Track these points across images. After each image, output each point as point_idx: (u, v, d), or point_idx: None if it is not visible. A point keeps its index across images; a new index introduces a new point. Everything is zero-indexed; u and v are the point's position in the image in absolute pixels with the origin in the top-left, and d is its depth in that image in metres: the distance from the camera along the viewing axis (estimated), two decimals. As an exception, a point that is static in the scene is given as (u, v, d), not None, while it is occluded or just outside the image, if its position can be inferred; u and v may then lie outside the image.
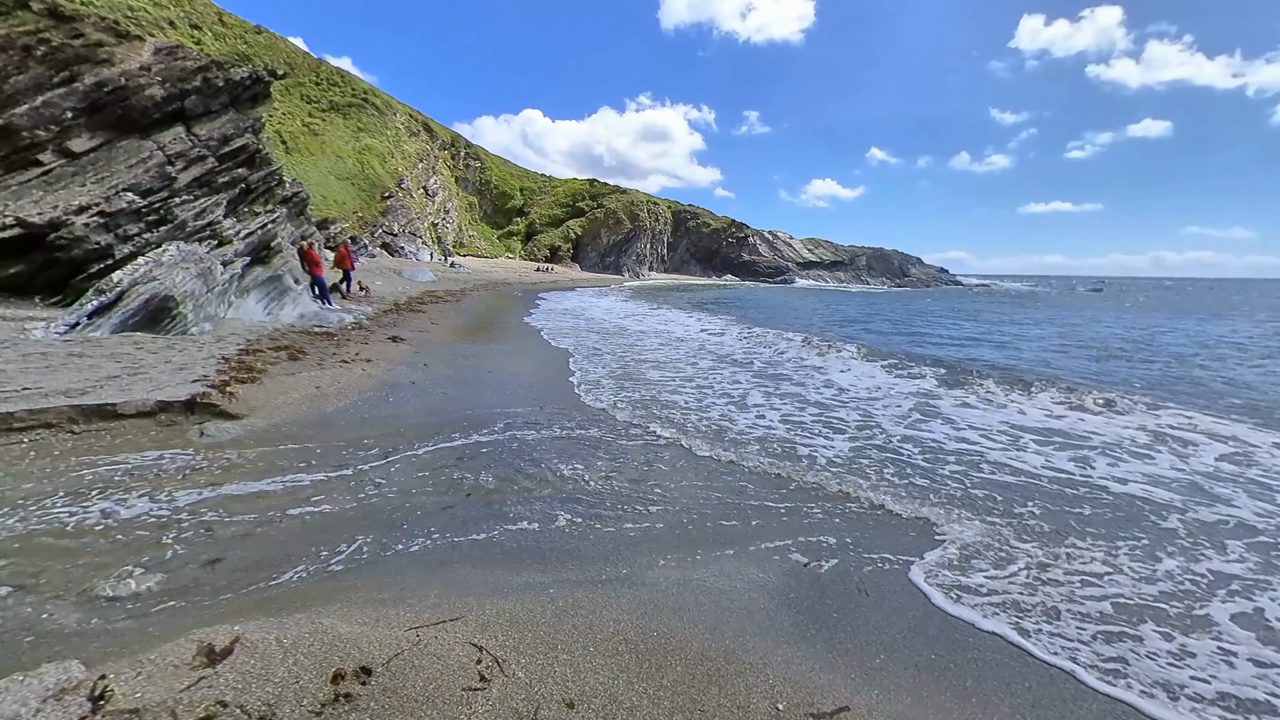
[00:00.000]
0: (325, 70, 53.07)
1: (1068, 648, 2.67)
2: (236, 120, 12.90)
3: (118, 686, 1.91)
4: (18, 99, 10.43)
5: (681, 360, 11.42)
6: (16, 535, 3.39)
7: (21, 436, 5.28)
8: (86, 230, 9.80)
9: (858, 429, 6.75)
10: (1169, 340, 18.25)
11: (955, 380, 9.96)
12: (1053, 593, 3.14)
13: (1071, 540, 3.83)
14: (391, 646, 2.16)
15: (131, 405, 5.92)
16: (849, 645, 2.67)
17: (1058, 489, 4.87)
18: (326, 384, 6.91)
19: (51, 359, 7.19)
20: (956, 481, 4.97)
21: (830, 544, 3.67)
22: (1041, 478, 5.14)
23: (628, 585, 3.04)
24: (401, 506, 4.00)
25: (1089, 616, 2.92)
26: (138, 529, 3.51)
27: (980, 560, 3.47)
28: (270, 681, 1.88)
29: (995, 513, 4.29)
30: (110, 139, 11.11)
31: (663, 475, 4.90)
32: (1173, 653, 2.65)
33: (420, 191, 53.42)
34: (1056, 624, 2.86)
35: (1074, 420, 7.29)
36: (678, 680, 2.27)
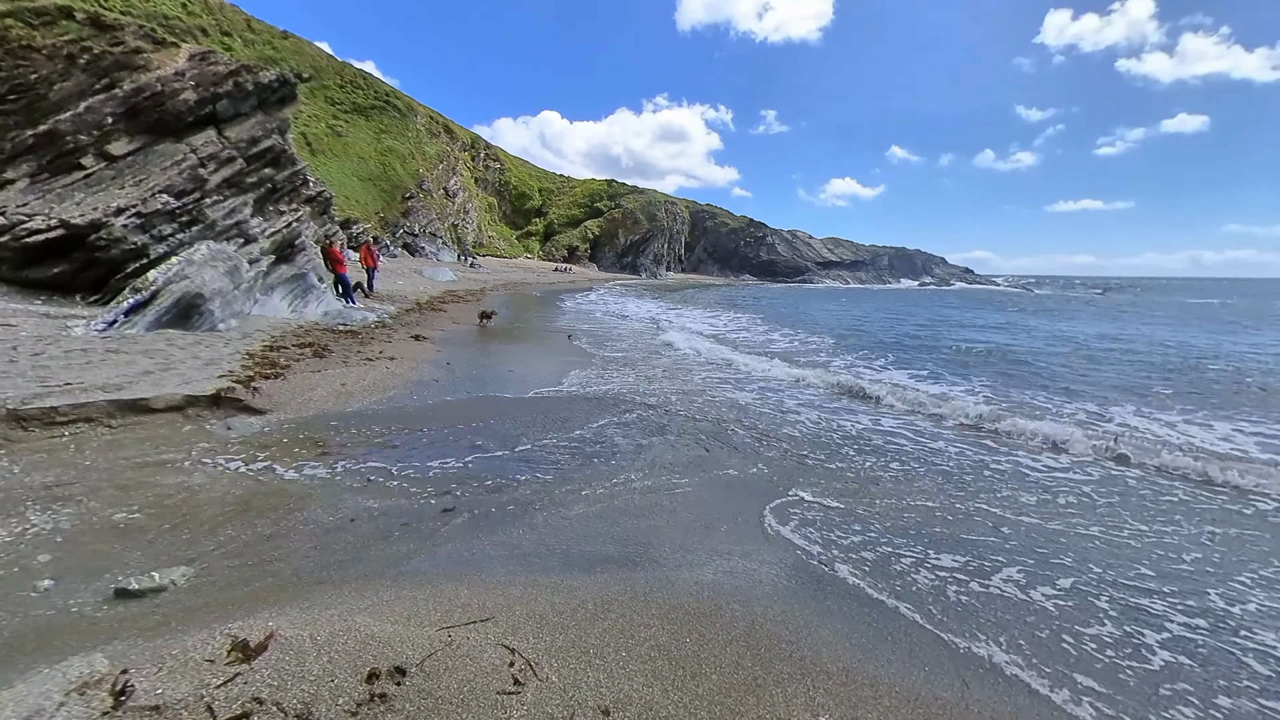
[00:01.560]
0: (349, 73, 54.08)
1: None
2: (264, 122, 13.18)
3: (139, 681, 1.90)
4: (62, 105, 10.80)
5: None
6: (60, 529, 3.46)
7: (63, 430, 5.42)
8: (124, 231, 10.08)
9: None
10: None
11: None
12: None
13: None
14: (424, 646, 2.13)
15: (162, 400, 6.05)
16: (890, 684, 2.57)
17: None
18: (351, 381, 6.98)
19: (91, 355, 7.39)
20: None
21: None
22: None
23: (658, 590, 2.98)
24: (428, 505, 4.00)
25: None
26: (170, 523, 3.55)
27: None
28: (306, 679, 1.86)
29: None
30: (147, 142, 11.42)
31: (687, 473, 4.82)
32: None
33: (441, 192, 54.10)
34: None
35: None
36: (714, 689, 2.20)
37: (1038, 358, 14.13)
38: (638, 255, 77.34)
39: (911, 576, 3.36)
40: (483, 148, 73.28)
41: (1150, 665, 2.65)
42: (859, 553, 3.62)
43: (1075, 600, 3.17)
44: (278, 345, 8.40)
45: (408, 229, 42.80)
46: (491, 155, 74.56)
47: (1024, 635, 2.84)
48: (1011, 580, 3.36)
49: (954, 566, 3.47)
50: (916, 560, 3.55)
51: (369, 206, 40.61)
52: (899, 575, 3.37)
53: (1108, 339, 18.62)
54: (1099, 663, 2.64)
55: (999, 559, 3.61)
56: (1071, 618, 3.00)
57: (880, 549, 3.68)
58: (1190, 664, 2.66)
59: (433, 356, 9.32)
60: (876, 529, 3.98)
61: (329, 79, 51.14)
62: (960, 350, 15.59)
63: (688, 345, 13.84)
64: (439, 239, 46.40)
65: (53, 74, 11.22)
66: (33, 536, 3.44)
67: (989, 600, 3.15)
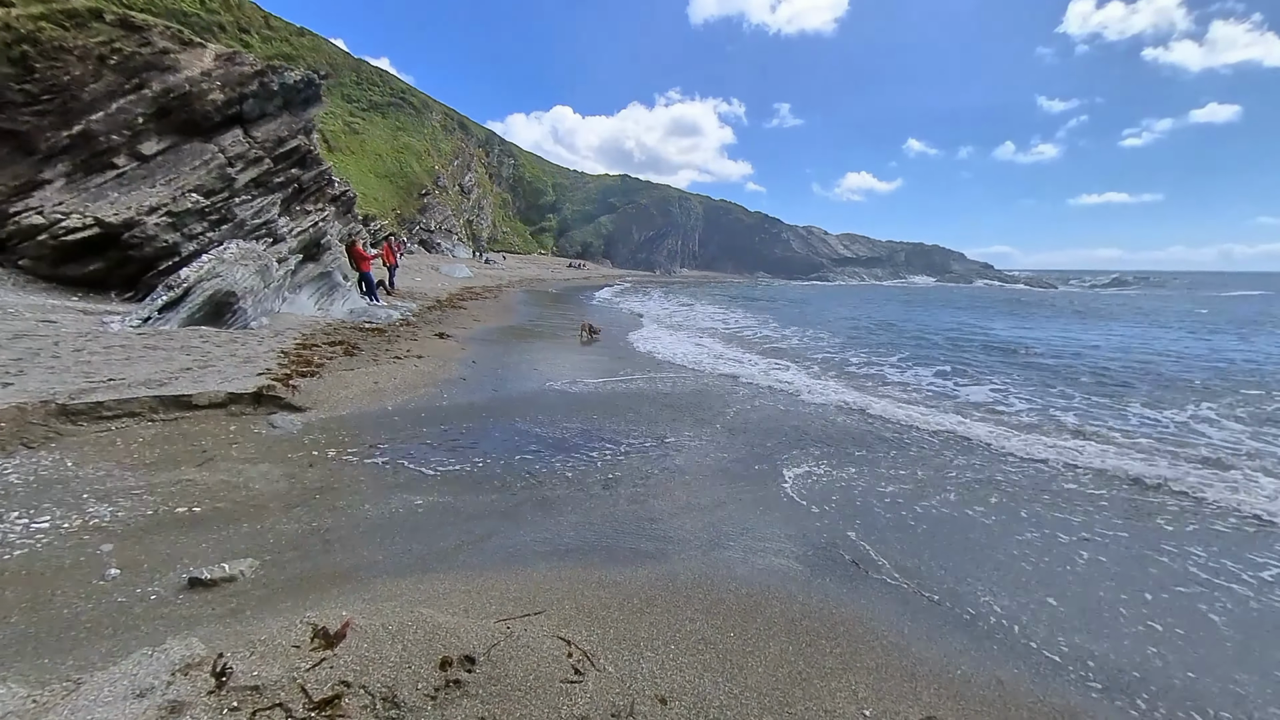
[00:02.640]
0: (365, 70, 54.52)
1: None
2: (290, 122, 13.40)
3: (236, 664, 2.04)
4: (94, 106, 11.08)
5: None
6: (119, 520, 3.64)
7: (110, 425, 5.62)
8: (157, 229, 10.36)
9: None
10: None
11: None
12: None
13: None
14: (486, 637, 2.25)
15: (205, 396, 6.25)
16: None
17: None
18: (384, 380, 7.15)
19: (130, 351, 7.62)
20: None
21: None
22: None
23: (699, 585, 3.08)
24: (468, 501, 4.13)
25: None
26: (228, 516, 3.72)
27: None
28: (385, 665, 1.98)
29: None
30: (176, 142, 11.69)
31: (720, 476, 4.91)
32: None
33: (456, 188, 54.47)
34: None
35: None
36: (761, 682, 2.30)
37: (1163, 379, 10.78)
38: (652, 252, 77.30)
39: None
40: (496, 143, 73.55)
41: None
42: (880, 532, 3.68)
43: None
44: (309, 343, 8.60)
45: (424, 226, 43.19)
46: (506, 151, 74.83)
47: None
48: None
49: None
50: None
51: (386, 203, 41.02)
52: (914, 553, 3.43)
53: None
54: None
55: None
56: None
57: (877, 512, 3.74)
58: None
59: (458, 355, 9.49)
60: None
61: (345, 76, 51.60)
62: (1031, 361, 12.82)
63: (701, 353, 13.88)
64: (454, 235, 46.78)
65: (85, 75, 11.50)
66: (94, 527, 3.61)
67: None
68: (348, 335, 9.98)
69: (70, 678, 1.92)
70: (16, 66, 10.62)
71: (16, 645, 2.36)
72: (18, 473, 4.13)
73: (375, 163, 44.46)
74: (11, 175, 10.11)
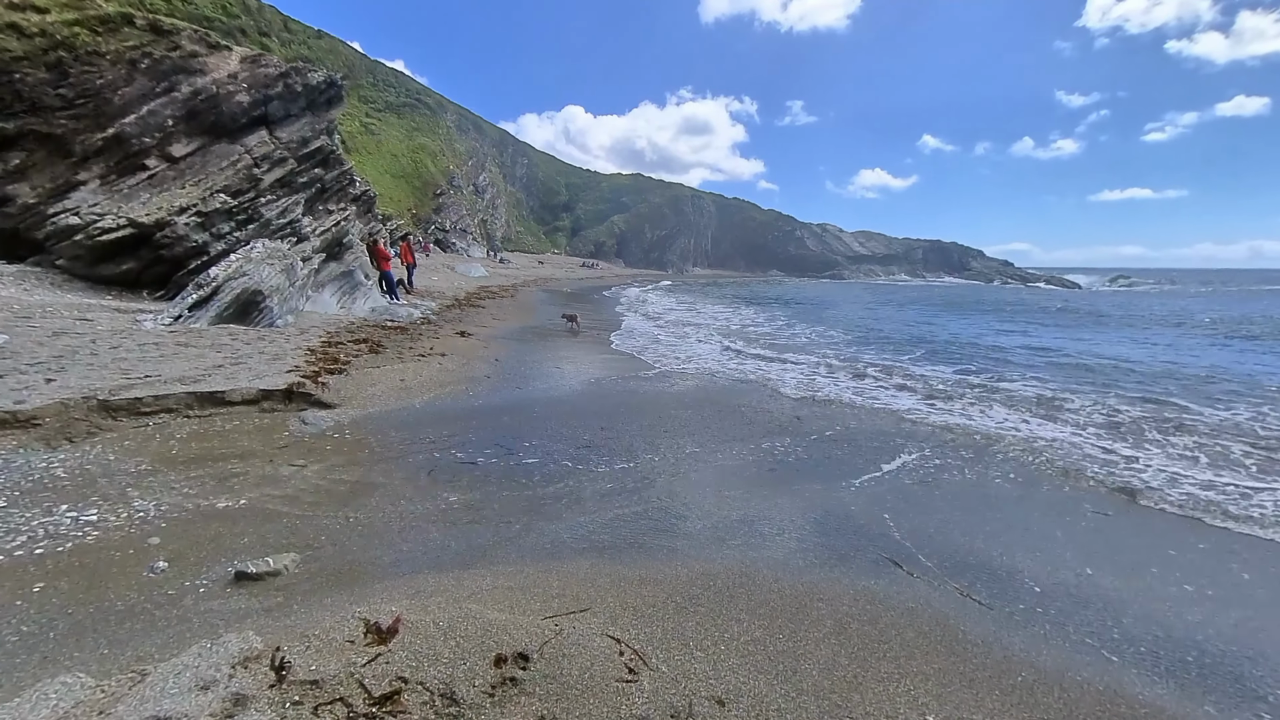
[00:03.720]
0: (381, 72, 55.15)
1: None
2: (313, 123, 13.58)
3: (293, 658, 2.04)
4: (126, 109, 11.32)
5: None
6: (163, 514, 3.69)
7: (148, 420, 5.72)
8: (187, 229, 10.56)
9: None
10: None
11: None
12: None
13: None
14: (537, 634, 2.22)
15: (238, 393, 6.34)
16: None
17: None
18: (409, 377, 7.20)
19: (164, 348, 7.77)
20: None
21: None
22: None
23: (741, 585, 3.03)
24: (501, 497, 4.12)
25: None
26: (266, 511, 3.76)
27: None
28: (439, 661, 1.97)
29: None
30: (205, 143, 11.91)
31: (754, 478, 4.85)
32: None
33: (470, 188, 54.89)
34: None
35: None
36: (817, 685, 2.24)
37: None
38: (664, 251, 77.19)
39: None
40: (510, 143, 73.98)
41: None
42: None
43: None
44: (335, 341, 8.70)
45: (439, 225, 43.58)
46: (519, 151, 75.23)
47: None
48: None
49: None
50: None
51: (402, 203, 41.47)
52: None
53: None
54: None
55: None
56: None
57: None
58: None
59: (481, 352, 9.53)
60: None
61: (362, 78, 52.24)
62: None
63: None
64: (469, 235, 47.14)
65: (117, 79, 11.75)
66: (140, 520, 3.67)
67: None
68: (371, 333, 10.08)
69: (133, 668, 1.93)
70: (52, 71, 10.89)
71: (76, 636, 2.39)
72: (63, 467, 4.22)
73: (391, 163, 44.97)
74: (49, 177, 10.37)
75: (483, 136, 65.05)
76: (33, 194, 10.16)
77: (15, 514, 3.49)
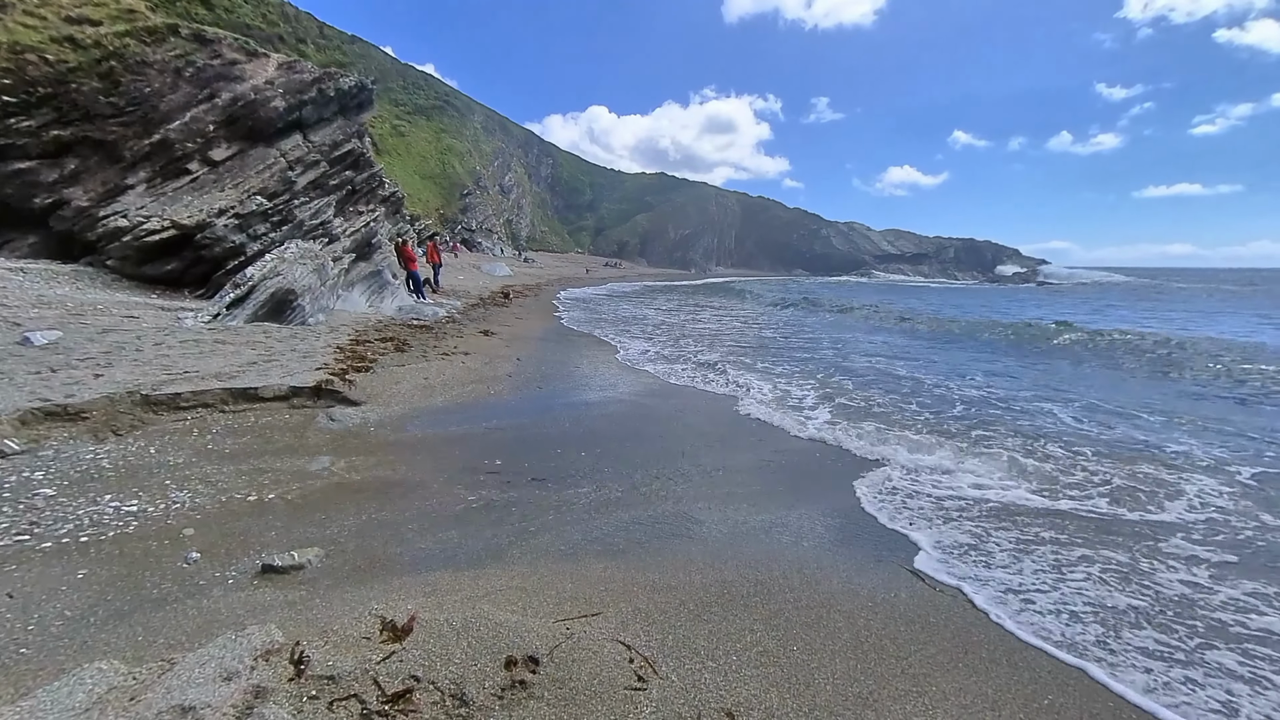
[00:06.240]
0: (412, 75, 56.37)
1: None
2: (345, 126, 13.96)
3: (312, 653, 2.10)
4: (171, 115, 11.83)
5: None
6: (198, 506, 3.85)
7: (186, 415, 5.96)
8: (225, 230, 10.98)
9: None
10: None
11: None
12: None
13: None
14: (548, 637, 2.24)
15: (269, 389, 6.55)
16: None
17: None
18: (433, 376, 7.35)
19: (202, 345, 8.09)
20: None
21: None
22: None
23: (756, 594, 3.00)
24: (517, 498, 4.17)
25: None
26: (293, 505, 3.88)
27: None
28: (452, 661, 2.00)
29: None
30: (243, 148, 12.36)
31: (773, 496, 4.80)
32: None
33: (496, 189, 55.67)
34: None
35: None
36: (830, 700, 2.20)
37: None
38: (688, 250, 76.96)
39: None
40: (535, 143, 74.76)
41: None
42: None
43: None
44: (362, 339, 8.93)
45: (465, 225, 44.33)
46: (544, 151, 75.97)
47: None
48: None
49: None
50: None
51: (429, 203, 42.33)
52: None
53: None
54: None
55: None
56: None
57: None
58: None
59: (504, 352, 9.66)
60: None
61: (393, 81, 53.49)
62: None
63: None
64: (495, 234, 47.84)
65: (163, 86, 12.29)
66: (176, 512, 3.83)
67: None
68: (398, 332, 10.32)
69: (164, 657, 2.01)
70: (105, 81, 11.45)
71: (114, 622, 2.52)
72: (109, 458, 4.43)
73: (420, 164, 45.95)
74: (100, 182, 10.92)
75: (509, 137, 65.94)
76: (85, 197, 10.72)
77: (64, 502, 3.68)
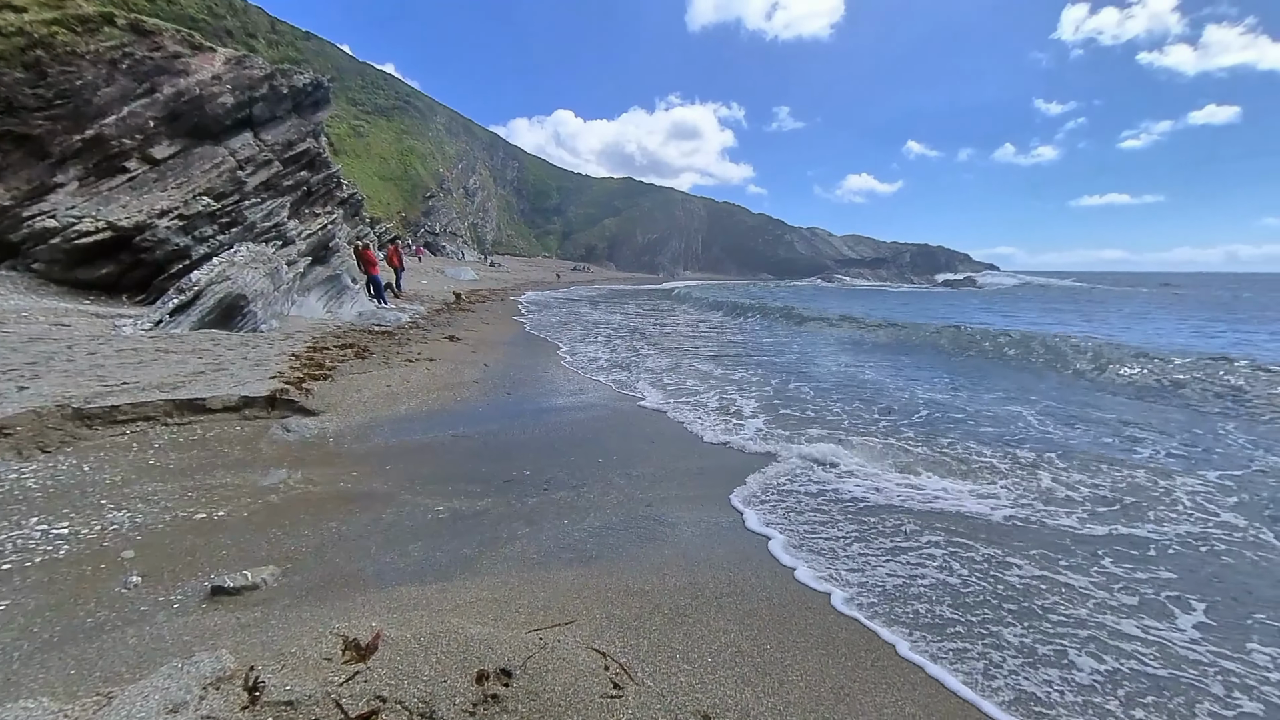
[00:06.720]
0: (370, 74, 54.81)
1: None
2: (299, 125, 13.45)
3: (268, 677, 1.99)
4: (106, 110, 11.12)
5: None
6: (138, 526, 3.60)
7: (125, 429, 5.59)
8: (168, 233, 10.38)
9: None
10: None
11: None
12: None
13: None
14: (520, 649, 2.19)
15: (218, 400, 6.21)
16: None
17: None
18: (396, 383, 7.11)
19: (142, 354, 7.61)
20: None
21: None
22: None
23: (728, 594, 3.01)
24: (488, 507, 4.07)
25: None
26: (245, 521, 3.68)
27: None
28: (420, 679, 1.92)
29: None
30: (187, 145, 11.73)
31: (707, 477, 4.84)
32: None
33: (460, 191, 54.64)
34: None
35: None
36: (804, 696, 2.23)
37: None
38: (656, 254, 77.36)
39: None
40: (501, 146, 73.83)
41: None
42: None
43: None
44: (320, 346, 8.58)
45: (429, 228, 43.32)
46: (510, 154, 75.10)
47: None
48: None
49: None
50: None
51: (391, 206, 41.19)
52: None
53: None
54: None
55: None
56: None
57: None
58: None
59: (469, 358, 9.45)
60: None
61: (351, 80, 51.88)
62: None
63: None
64: (459, 238, 46.92)
65: (97, 79, 11.54)
66: (114, 534, 3.57)
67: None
68: (358, 338, 9.96)
69: (100, 691, 1.86)
70: (30, 71, 10.67)
71: (42, 656, 2.31)
72: (35, 478, 4.10)
73: (380, 165, 44.67)
74: (25, 179, 10.15)
75: (473, 139, 64.88)
76: (8, 196, 9.94)
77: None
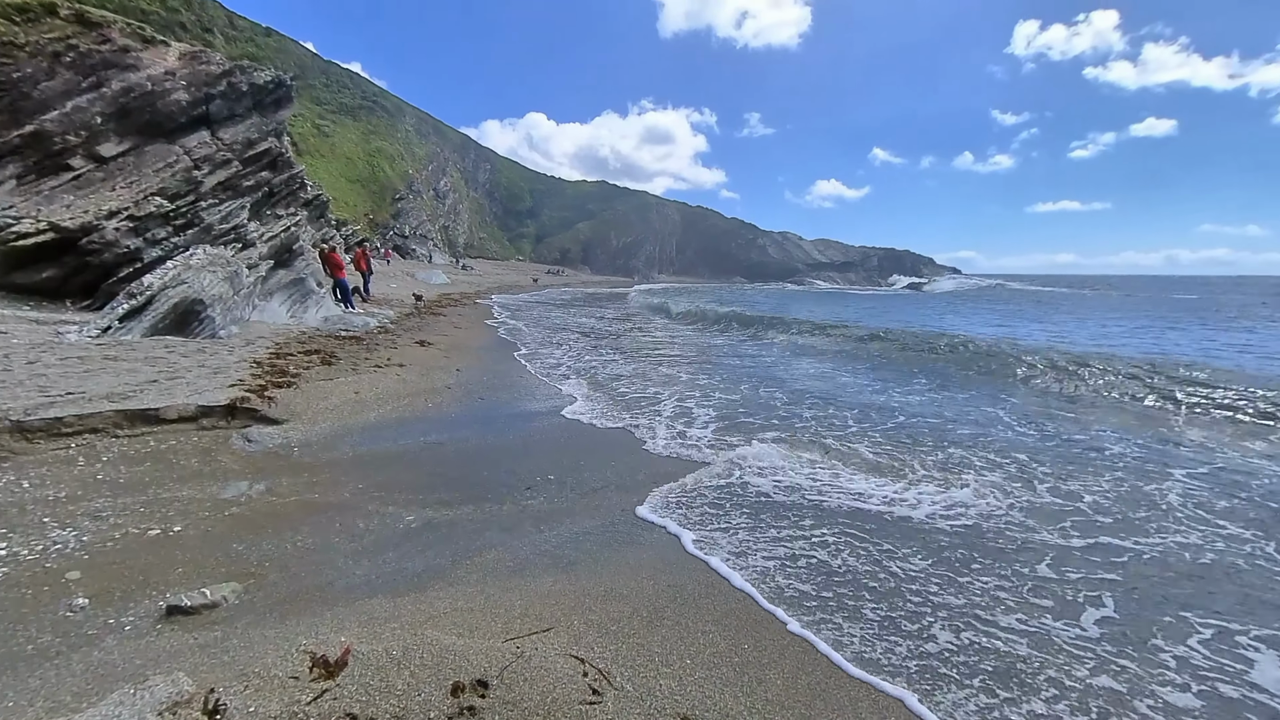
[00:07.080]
0: (335, 73, 53.40)
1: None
2: (260, 124, 12.98)
3: (229, 700, 1.90)
4: (48, 105, 10.52)
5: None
6: (85, 546, 3.40)
7: (69, 442, 5.29)
8: (117, 235, 9.87)
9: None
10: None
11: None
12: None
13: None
14: (497, 658, 2.14)
15: (173, 410, 5.93)
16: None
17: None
18: (364, 390, 6.91)
19: (89, 363, 7.21)
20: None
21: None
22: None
23: (705, 596, 3.02)
24: (460, 514, 3.99)
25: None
26: (204, 537, 3.51)
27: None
28: (392, 693, 1.86)
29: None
30: (138, 144, 11.19)
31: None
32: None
33: (431, 193, 53.65)
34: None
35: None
36: (782, 695, 2.25)
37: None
38: (630, 258, 77.47)
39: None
40: (472, 148, 72.86)
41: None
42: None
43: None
44: (283, 352, 8.28)
45: (398, 231, 42.38)
46: (482, 156, 74.18)
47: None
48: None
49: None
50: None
51: (358, 208, 40.16)
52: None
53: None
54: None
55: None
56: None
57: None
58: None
59: (441, 363, 9.26)
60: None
61: (315, 78, 50.45)
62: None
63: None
64: (430, 241, 46.03)
65: (37, 72, 10.91)
66: (58, 553, 3.36)
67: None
68: (324, 344, 9.65)
69: (42, 723, 1.74)
70: (-38, 63, 10.02)
71: (-24, 688, 2.15)
72: (-32, 496, 3.83)
73: (346, 166, 43.51)
74: (-44, 177, 9.51)
75: (444, 141, 63.80)
76: (-63, 195, 9.29)
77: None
